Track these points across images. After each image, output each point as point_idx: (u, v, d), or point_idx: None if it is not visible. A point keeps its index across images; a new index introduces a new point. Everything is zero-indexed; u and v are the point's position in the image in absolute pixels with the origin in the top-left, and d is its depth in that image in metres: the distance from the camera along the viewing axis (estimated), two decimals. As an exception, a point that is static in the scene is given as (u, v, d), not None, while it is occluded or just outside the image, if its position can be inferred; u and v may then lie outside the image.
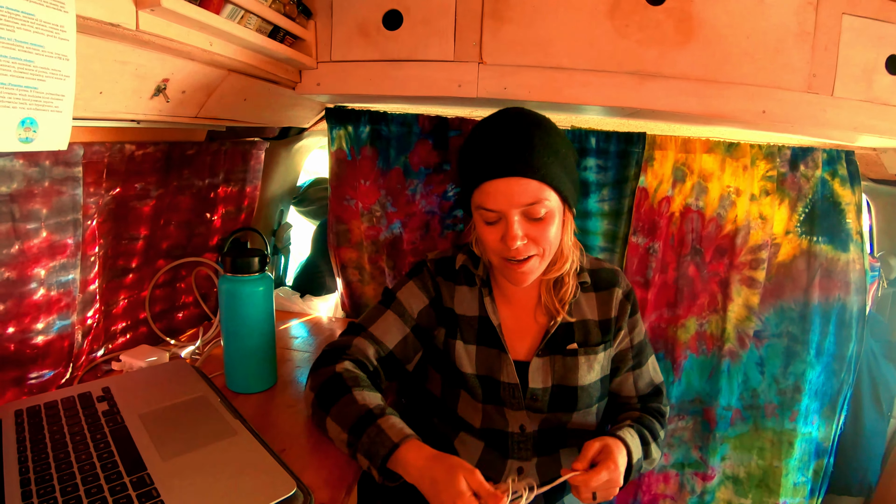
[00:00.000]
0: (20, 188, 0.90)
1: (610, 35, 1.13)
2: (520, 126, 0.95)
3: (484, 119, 1.01)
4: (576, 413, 1.07)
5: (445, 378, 1.11)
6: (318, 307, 1.73)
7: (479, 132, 0.99)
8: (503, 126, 0.96)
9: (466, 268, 1.11)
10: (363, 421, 0.88)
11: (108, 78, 0.81)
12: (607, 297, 1.10)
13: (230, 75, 1.04)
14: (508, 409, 1.06)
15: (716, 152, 1.37)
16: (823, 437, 1.48)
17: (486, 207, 0.95)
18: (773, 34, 1.12)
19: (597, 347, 1.08)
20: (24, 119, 0.63)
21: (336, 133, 1.49)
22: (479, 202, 0.96)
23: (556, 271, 1.05)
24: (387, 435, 0.86)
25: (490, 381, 1.06)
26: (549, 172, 0.93)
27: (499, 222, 0.96)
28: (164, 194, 1.28)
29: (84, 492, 0.72)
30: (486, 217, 0.97)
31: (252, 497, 0.73)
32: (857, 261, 1.40)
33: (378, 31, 1.19)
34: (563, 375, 1.06)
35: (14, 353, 0.99)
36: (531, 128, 0.95)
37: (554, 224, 0.96)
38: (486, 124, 0.99)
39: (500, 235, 0.96)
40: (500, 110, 1.00)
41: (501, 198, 0.93)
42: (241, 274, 1.09)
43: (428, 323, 1.10)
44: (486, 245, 1.00)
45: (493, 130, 0.97)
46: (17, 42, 0.60)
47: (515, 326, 1.10)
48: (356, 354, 1.03)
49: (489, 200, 0.94)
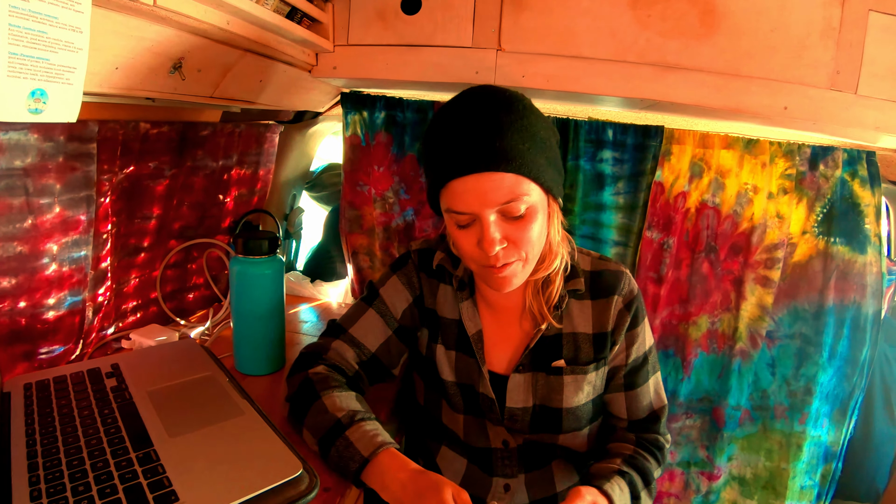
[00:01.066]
0: (34, 162, 0.91)
1: (631, 24, 1.11)
2: (487, 109, 0.80)
3: (445, 104, 0.85)
4: (562, 435, 0.97)
5: (428, 385, 1.04)
6: (328, 293, 1.73)
7: (440, 119, 0.84)
8: (467, 111, 0.81)
9: (444, 267, 1.00)
10: (332, 433, 0.81)
11: (124, 53, 0.81)
12: (605, 305, 0.96)
13: (246, 55, 1.03)
14: (489, 423, 0.98)
15: (734, 148, 1.35)
16: (833, 441, 1.46)
17: (455, 210, 0.81)
18: (797, 29, 1.09)
19: (587, 367, 0.95)
20: (35, 90, 0.63)
21: (351, 118, 1.48)
22: (448, 204, 0.82)
23: (543, 270, 0.91)
24: (356, 448, 0.79)
25: (470, 391, 0.98)
26: (526, 162, 0.78)
27: (472, 225, 0.82)
28: (177, 174, 1.28)
29: (90, 465, 0.72)
30: (458, 220, 0.83)
31: (258, 476, 0.73)
32: (874, 264, 1.38)
33: (396, 16, 1.18)
34: (547, 395, 0.95)
35: (25, 327, 0.99)
36: (500, 111, 0.79)
37: (537, 221, 0.82)
38: (447, 109, 0.83)
39: (476, 240, 0.82)
40: (464, 90, 0.85)
41: (472, 198, 0.79)
42: (251, 255, 1.09)
43: (412, 323, 1.02)
44: (462, 252, 0.87)
45: (455, 117, 0.81)
46: (31, 12, 0.59)
47: (497, 335, 0.98)
48: (333, 359, 0.96)
49: (458, 202, 0.80)
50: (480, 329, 0.97)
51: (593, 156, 1.37)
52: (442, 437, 1.05)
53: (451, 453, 1.04)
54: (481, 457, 1.01)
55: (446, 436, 1.04)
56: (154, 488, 0.69)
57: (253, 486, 0.71)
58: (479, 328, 0.97)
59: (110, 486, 0.69)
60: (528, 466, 1.00)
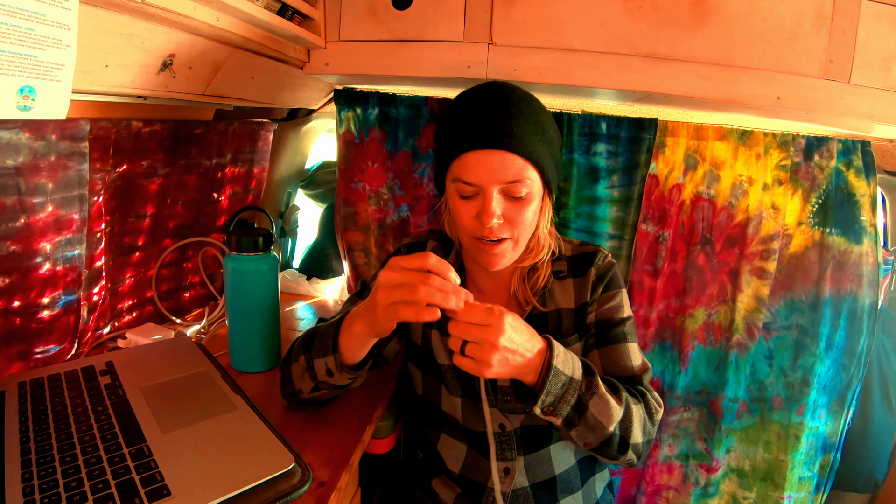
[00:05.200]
0: (26, 161, 0.91)
1: (622, 16, 1.11)
2: (509, 99, 0.90)
3: (469, 89, 0.95)
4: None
5: (426, 372, 1.08)
6: (324, 290, 1.73)
7: (463, 101, 0.94)
8: (491, 96, 0.91)
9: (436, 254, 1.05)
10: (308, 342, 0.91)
11: (113, 51, 0.81)
12: (584, 280, 1.03)
13: (237, 52, 1.03)
14: (485, 406, 1.00)
15: (728, 140, 1.34)
16: (831, 432, 1.46)
17: (464, 180, 0.89)
18: (789, 18, 1.09)
19: (569, 338, 1.01)
20: (23, 87, 0.63)
21: (344, 115, 1.48)
22: (456, 173, 0.90)
23: (530, 260, 1.00)
24: (327, 325, 0.89)
25: (467, 376, 1.01)
26: (536, 150, 0.88)
27: (475, 197, 0.91)
28: (171, 173, 1.28)
29: (83, 461, 0.72)
30: (463, 190, 0.91)
31: (250, 470, 0.73)
32: (870, 254, 1.37)
33: (387, 11, 1.18)
34: None
35: (19, 326, 0.99)
36: (520, 102, 0.90)
37: (532, 206, 0.92)
38: (472, 94, 0.93)
39: (476, 212, 0.91)
40: (487, 82, 0.96)
41: (482, 170, 0.87)
42: (245, 252, 1.09)
43: None
44: (459, 222, 0.94)
45: (479, 100, 0.91)
46: (17, 9, 0.60)
47: None
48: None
49: (468, 172, 0.89)
50: None
51: (587, 149, 1.37)
52: (441, 424, 1.07)
53: (451, 440, 1.06)
54: (480, 442, 1.02)
55: (446, 423, 1.06)
56: (146, 483, 0.69)
57: (245, 479, 0.71)
58: None
59: (103, 482, 0.69)
60: (526, 449, 1.02)
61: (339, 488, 0.81)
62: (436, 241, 1.06)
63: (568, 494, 1.04)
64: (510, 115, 0.87)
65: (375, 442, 1.11)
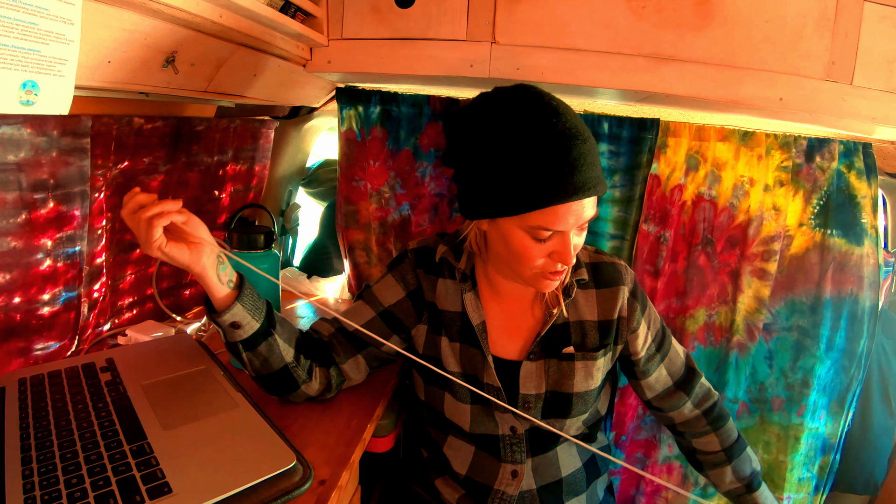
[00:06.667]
0: (27, 157, 0.90)
1: (626, 16, 1.11)
2: (580, 133, 0.81)
3: (508, 112, 0.83)
4: (568, 420, 0.99)
5: (428, 381, 1.06)
6: (325, 288, 1.73)
7: (520, 136, 0.80)
8: (564, 133, 0.80)
9: (447, 260, 1.02)
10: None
11: (116, 47, 0.81)
12: (610, 295, 1.00)
13: (239, 49, 1.03)
14: (497, 411, 0.99)
15: (730, 141, 1.35)
16: (830, 434, 1.46)
17: (548, 228, 0.83)
18: (792, 19, 1.09)
19: (595, 353, 0.99)
20: (26, 82, 0.63)
21: (346, 113, 1.48)
22: (539, 222, 0.82)
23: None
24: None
25: (475, 381, 0.99)
26: (602, 179, 0.85)
27: (549, 239, 0.85)
28: (172, 170, 1.27)
29: (83, 458, 0.72)
30: (540, 236, 0.84)
31: (251, 468, 0.73)
32: (871, 255, 1.38)
33: (390, 9, 1.18)
34: (558, 381, 0.98)
35: (20, 323, 0.99)
36: (585, 130, 0.83)
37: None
38: (537, 129, 0.80)
39: (549, 252, 0.86)
40: (511, 94, 0.85)
41: (571, 218, 0.82)
42: (246, 250, 1.09)
43: (403, 315, 1.03)
44: (527, 262, 0.88)
45: (555, 141, 0.80)
46: (21, 4, 0.59)
47: (504, 324, 1.01)
48: (311, 329, 1.05)
49: (557, 222, 0.82)
50: (484, 320, 1.00)
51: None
52: (448, 428, 1.07)
53: (459, 442, 1.05)
54: (489, 444, 1.02)
55: (452, 427, 1.05)
56: (147, 480, 0.69)
57: (246, 477, 0.71)
58: (483, 319, 1.00)
59: (103, 479, 0.68)
60: (534, 451, 1.02)
61: (340, 487, 0.81)
62: (445, 244, 1.02)
63: (573, 497, 1.04)
64: (591, 156, 0.82)
65: (375, 440, 1.11)
